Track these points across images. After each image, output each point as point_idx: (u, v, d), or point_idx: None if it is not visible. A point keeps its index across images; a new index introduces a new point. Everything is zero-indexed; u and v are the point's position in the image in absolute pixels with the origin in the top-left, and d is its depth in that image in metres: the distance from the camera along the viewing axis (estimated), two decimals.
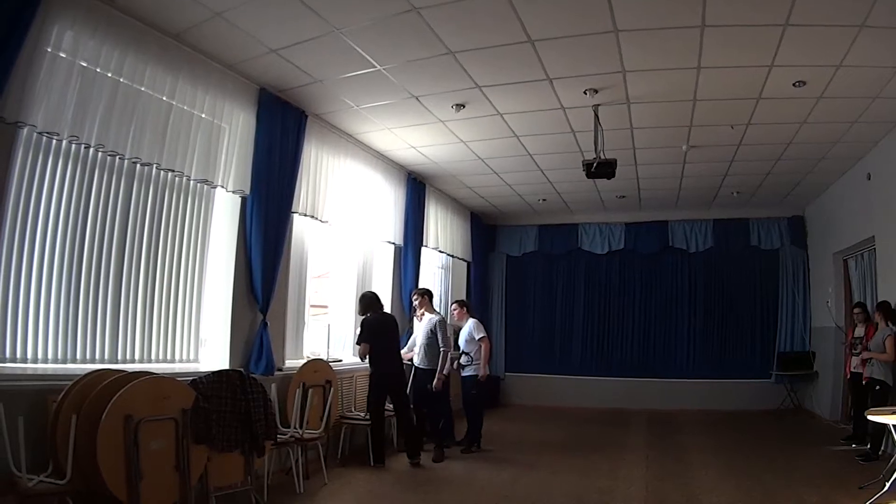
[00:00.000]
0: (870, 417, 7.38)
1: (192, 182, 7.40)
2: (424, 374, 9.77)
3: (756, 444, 10.78)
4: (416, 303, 10.37)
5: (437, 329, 9.79)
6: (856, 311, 10.60)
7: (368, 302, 9.40)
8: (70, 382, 5.42)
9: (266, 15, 6.45)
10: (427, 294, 10.33)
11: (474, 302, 15.16)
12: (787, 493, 7.51)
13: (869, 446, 9.19)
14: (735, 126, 9.53)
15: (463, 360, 10.55)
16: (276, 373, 8.20)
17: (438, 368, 9.70)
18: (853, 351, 10.20)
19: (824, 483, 7.89)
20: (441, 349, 9.74)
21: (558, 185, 13.38)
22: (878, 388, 9.01)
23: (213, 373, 6.39)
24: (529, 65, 7.59)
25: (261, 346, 8.02)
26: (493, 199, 15.05)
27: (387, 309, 10.17)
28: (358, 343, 9.17)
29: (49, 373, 5.73)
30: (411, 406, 9.83)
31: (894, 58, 7.19)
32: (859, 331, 10.19)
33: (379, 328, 9.21)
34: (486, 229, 17.04)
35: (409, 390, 9.87)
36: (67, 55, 5.74)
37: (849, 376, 10.55)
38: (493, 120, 9.45)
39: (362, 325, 9.23)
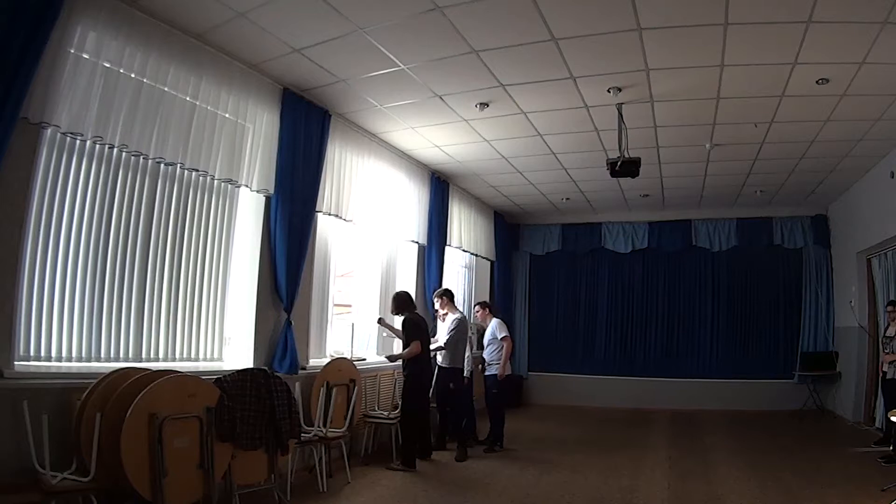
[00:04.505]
0: (893, 419, 7.32)
1: (216, 181, 7.43)
2: (447, 374, 9.79)
3: (778, 444, 10.74)
4: (437, 305, 10.35)
5: (454, 326, 9.82)
6: (889, 308, 10.38)
7: (403, 301, 9.37)
8: (95, 381, 5.49)
9: (289, 14, 6.47)
10: (447, 294, 10.31)
11: (498, 301, 15.22)
12: (808, 494, 7.48)
13: (892, 448, 9.09)
14: (758, 124, 9.46)
15: (486, 356, 10.60)
16: (300, 371, 8.22)
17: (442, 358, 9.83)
18: (885, 350, 9.91)
19: (846, 484, 7.86)
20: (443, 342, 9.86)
21: (582, 183, 13.34)
22: None
23: (238, 371, 6.43)
24: (553, 63, 7.57)
25: (285, 344, 8.05)
26: (517, 198, 15.03)
27: None
28: (411, 340, 9.05)
29: (74, 371, 5.79)
30: (432, 406, 9.87)
31: None
32: (891, 330, 9.87)
33: (421, 328, 9.24)
34: (509, 228, 17.03)
35: (432, 390, 9.86)
36: (90, 56, 5.78)
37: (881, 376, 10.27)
38: (516, 119, 9.43)
39: (407, 323, 9.17)
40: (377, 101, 8.84)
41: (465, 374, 10.16)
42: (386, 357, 9.51)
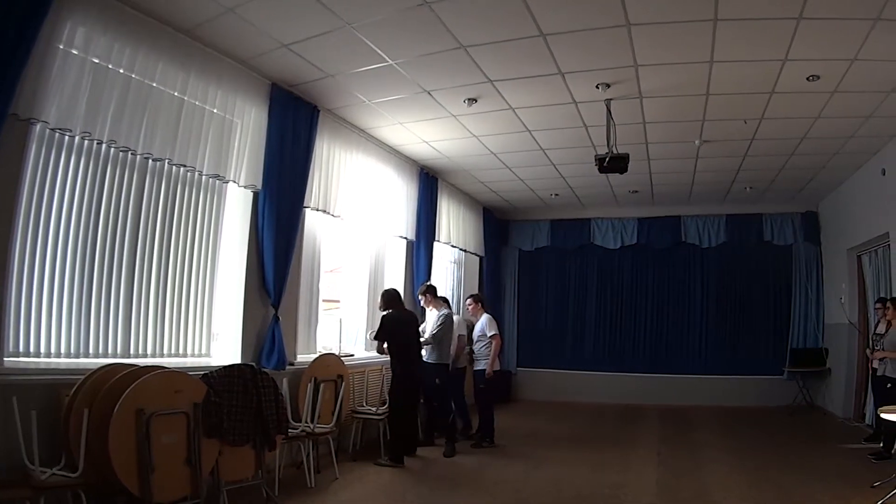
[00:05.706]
0: (882, 416, 7.33)
1: (204, 177, 7.42)
2: (433, 369, 9.78)
3: (768, 440, 10.78)
4: (422, 302, 10.37)
5: (440, 322, 9.84)
6: (877, 306, 10.37)
7: (389, 298, 9.27)
8: (83, 377, 5.47)
9: (278, 10, 6.45)
10: (430, 291, 10.33)
11: (487, 296, 15.13)
12: (799, 491, 7.50)
13: (882, 444, 9.11)
14: (748, 121, 9.46)
15: (477, 349, 10.63)
16: (288, 367, 8.23)
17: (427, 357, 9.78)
18: (875, 347, 9.74)
19: (836, 481, 7.87)
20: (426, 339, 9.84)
21: (571, 179, 13.35)
22: (889, 385, 8.91)
23: (225, 367, 6.42)
24: (541, 59, 7.55)
25: (272, 340, 8.05)
26: (506, 194, 15.04)
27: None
28: (375, 338, 9.07)
29: (62, 367, 5.77)
30: (420, 402, 9.86)
31: None
32: (881, 327, 9.71)
33: (397, 326, 9.09)
34: (498, 224, 17.03)
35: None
36: (79, 52, 5.77)
37: (871, 372, 10.18)
38: (505, 114, 9.42)
39: (382, 320, 9.10)
40: (366, 96, 8.83)
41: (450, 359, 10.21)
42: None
